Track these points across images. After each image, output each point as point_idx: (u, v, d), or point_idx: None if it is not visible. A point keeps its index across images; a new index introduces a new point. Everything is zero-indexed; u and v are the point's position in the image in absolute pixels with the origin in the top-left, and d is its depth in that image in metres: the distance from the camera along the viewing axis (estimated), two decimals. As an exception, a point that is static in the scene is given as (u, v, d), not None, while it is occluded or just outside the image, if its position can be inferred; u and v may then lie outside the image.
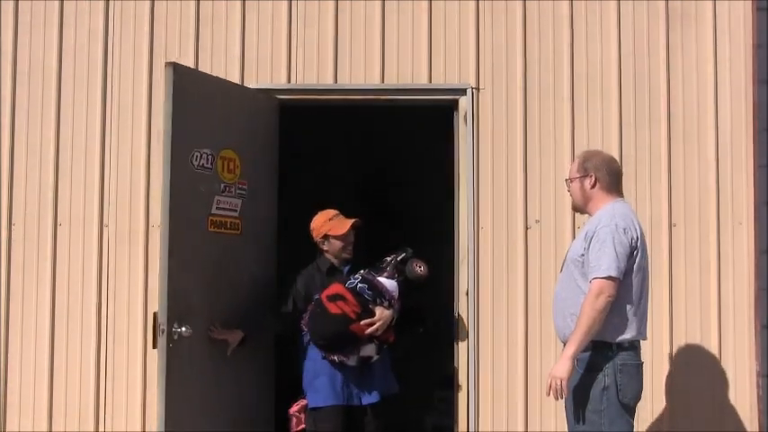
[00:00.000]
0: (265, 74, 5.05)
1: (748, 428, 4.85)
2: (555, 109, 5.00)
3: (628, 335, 3.92)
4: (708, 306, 4.90)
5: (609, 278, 3.80)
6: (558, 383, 3.78)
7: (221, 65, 5.04)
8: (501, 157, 4.98)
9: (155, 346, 4.28)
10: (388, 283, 4.54)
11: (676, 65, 5.01)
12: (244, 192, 4.71)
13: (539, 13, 5.03)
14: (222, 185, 4.56)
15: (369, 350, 4.52)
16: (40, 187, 5.01)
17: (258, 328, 4.62)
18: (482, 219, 4.96)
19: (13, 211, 5.00)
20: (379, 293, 4.49)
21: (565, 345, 4.08)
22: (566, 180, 4.23)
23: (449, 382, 5.08)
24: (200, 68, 5.01)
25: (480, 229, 4.95)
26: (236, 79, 5.02)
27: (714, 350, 4.89)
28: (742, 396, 4.87)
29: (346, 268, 4.71)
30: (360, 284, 4.49)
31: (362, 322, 4.44)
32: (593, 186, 4.06)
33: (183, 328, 4.26)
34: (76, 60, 5.07)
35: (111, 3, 5.08)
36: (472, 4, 5.05)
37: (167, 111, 4.30)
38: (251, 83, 5.01)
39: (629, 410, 3.92)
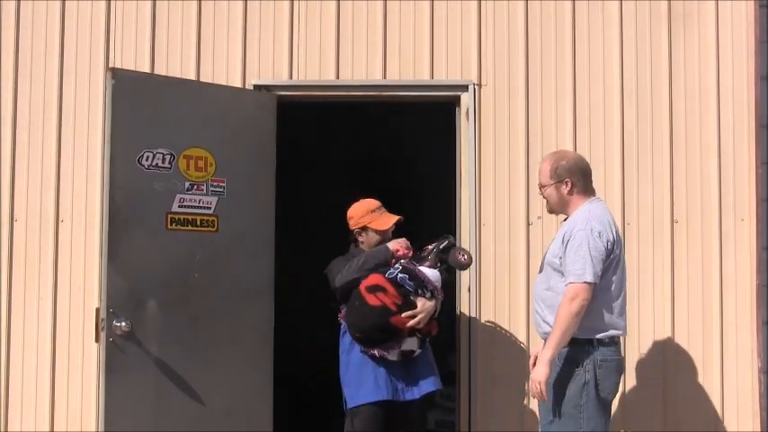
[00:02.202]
0: (267, 70, 5.05)
1: (750, 425, 4.85)
2: (557, 105, 5.00)
3: (608, 331, 3.94)
4: (710, 303, 4.91)
5: (584, 283, 3.83)
6: (538, 387, 3.83)
7: (223, 61, 5.04)
8: (503, 153, 4.98)
9: (96, 340, 4.47)
10: (430, 272, 4.36)
11: (678, 62, 5.01)
12: (220, 189, 4.76)
13: (541, 9, 5.03)
14: (188, 184, 4.66)
15: (410, 344, 4.32)
16: (42, 183, 5.00)
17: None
18: (484, 215, 4.96)
19: (15, 207, 4.99)
20: (421, 284, 4.31)
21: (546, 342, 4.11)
22: (539, 186, 4.18)
23: (451, 379, 5.07)
24: (202, 65, 5.03)
25: (482, 226, 4.95)
26: (237, 76, 5.02)
27: (716, 347, 4.89)
28: (744, 393, 4.87)
29: None
30: (400, 275, 4.29)
31: (404, 314, 4.25)
32: (569, 192, 4.05)
33: (123, 323, 4.39)
34: (78, 58, 5.06)
35: (112, 3, 5.08)
36: (474, 2, 5.05)
37: (107, 115, 4.48)
38: (252, 79, 5.02)
39: (607, 405, 3.97)
